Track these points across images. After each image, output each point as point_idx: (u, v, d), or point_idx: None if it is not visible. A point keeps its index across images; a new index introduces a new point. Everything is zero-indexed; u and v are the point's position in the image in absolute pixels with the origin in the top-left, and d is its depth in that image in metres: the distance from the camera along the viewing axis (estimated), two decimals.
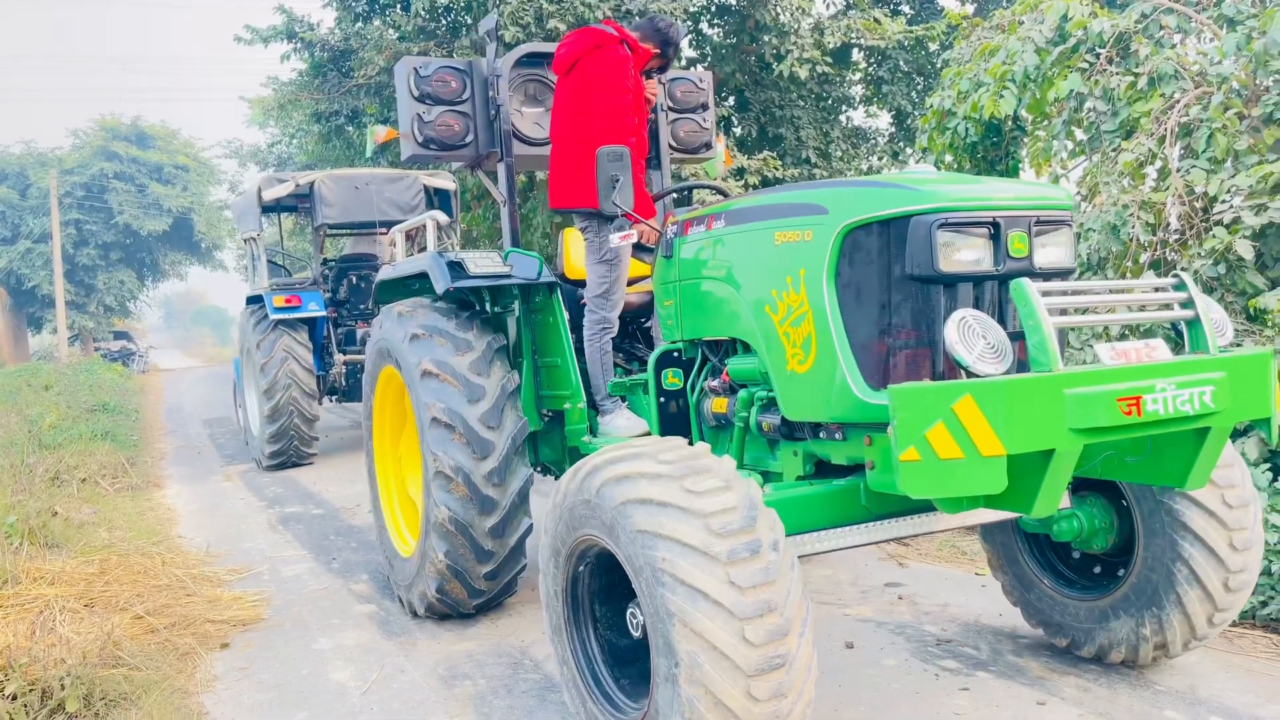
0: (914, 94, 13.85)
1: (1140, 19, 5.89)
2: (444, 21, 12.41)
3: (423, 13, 11.73)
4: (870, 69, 14.48)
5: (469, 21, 12.11)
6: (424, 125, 4.71)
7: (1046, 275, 2.64)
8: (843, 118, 14.31)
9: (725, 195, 4.28)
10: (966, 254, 2.55)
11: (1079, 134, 6.34)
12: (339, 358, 9.89)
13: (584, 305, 4.59)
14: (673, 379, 3.71)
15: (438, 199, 10.25)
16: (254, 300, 9.95)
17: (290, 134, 19.06)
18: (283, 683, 4.11)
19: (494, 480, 4.12)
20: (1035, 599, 3.69)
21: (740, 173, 11.41)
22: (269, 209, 10.27)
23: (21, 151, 36.14)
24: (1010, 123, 7.28)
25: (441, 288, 4.25)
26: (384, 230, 10.82)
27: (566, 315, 4.38)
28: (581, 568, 2.81)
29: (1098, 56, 6.08)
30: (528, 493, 4.28)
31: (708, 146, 5.25)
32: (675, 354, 3.74)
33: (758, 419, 3.25)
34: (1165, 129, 5.40)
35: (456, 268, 4.27)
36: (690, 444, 2.70)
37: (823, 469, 3.17)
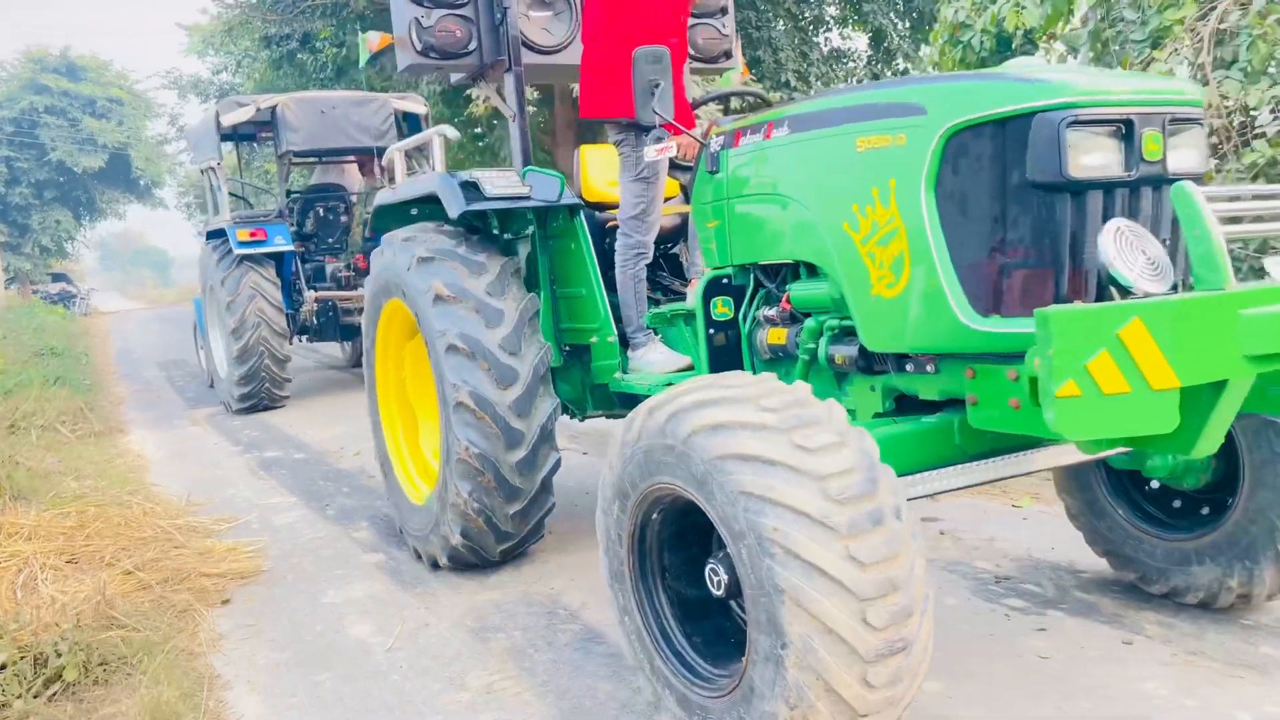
0: (893, 14, 13.46)
1: None
2: None
3: None
4: None
5: None
6: (423, 31, 4.30)
7: (1178, 180, 2.37)
8: (820, 39, 13.88)
9: (767, 103, 3.94)
10: (1096, 157, 2.26)
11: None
12: (309, 294, 9.41)
13: (608, 229, 4.27)
14: (722, 308, 3.40)
15: (407, 124, 9.73)
16: (215, 235, 9.40)
17: (236, 61, 18.10)
18: (297, 640, 3.83)
19: (518, 410, 3.81)
20: (1106, 528, 3.50)
21: None
22: (229, 137, 9.66)
23: None
24: (1020, 36, 6.98)
25: (455, 210, 3.89)
26: (351, 159, 10.31)
27: (591, 240, 4.05)
28: (655, 515, 2.53)
29: None
30: (554, 425, 3.97)
31: (727, 55, 4.89)
32: (724, 281, 3.42)
33: (828, 351, 2.96)
34: (1201, 37, 5.14)
35: (471, 188, 3.90)
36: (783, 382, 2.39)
37: (902, 405, 2.90)
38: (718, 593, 2.39)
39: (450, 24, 4.36)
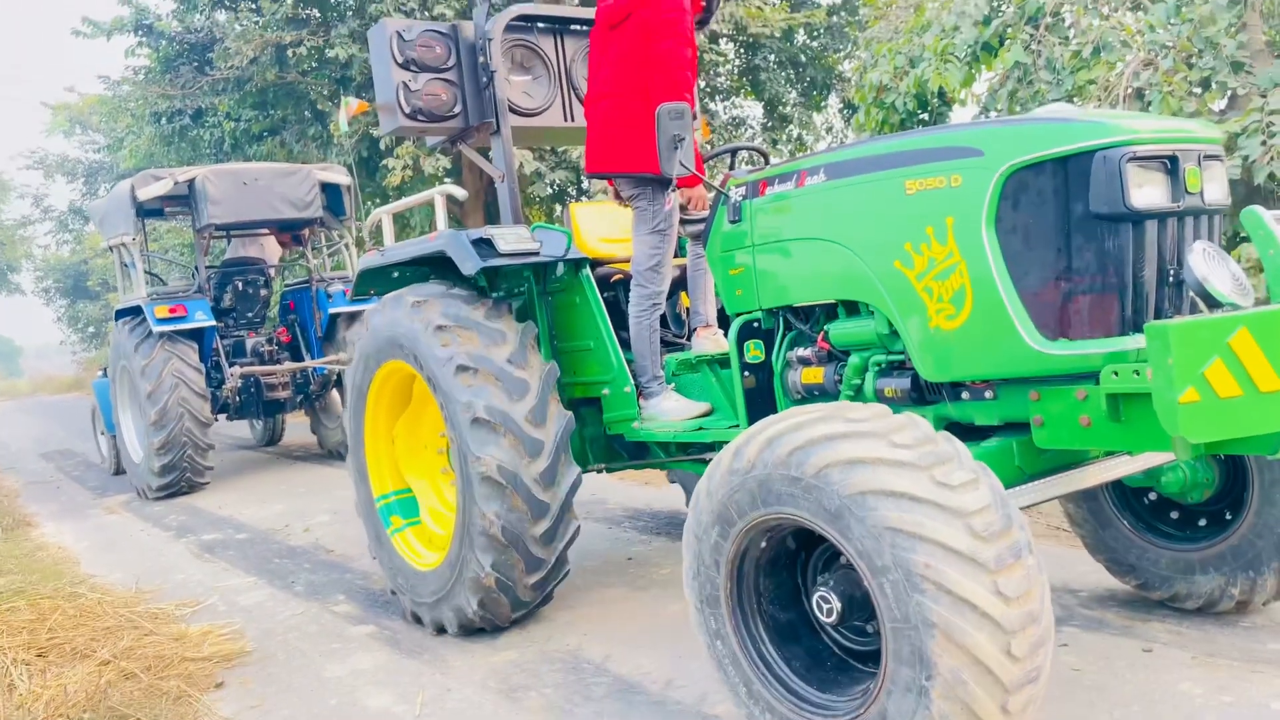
0: (785, 83, 14.11)
1: None
2: (312, 11, 11.65)
3: (290, 1, 10.97)
4: (739, 59, 14.65)
5: (337, 10, 11.43)
6: (410, 94, 4.33)
7: (1212, 211, 2.62)
8: (718, 107, 14.41)
9: (765, 157, 4.11)
10: (1150, 190, 2.48)
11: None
12: (233, 370, 9.06)
13: (613, 283, 4.34)
14: (755, 351, 3.49)
15: (327, 194, 9.58)
16: (128, 313, 8.99)
17: (119, 138, 17.49)
18: (312, 715, 3.66)
19: (545, 481, 3.80)
20: (1110, 537, 3.71)
21: None
22: (145, 212, 9.30)
23: None
24: (935, 98, 7.46)
25: (471, 268, 3.88)
26: (267, 231, 10.07)
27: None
28: (763, 543, 2.57)
29: (1036, 27, 6.30)
30: (575, 493, 3.98)
31: (694, 116, 5.05)
32: (754, 324, 3.53)
33: (876, 385, 3.09)
34: (1117, 94, 5.62)
35: (484, 245, 3.91)
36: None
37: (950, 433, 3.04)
38: (828, 620, 2.44)
39: (436, 88, 4.40)
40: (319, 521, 7.06)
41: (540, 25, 4.71)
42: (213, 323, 8.74)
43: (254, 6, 11.66)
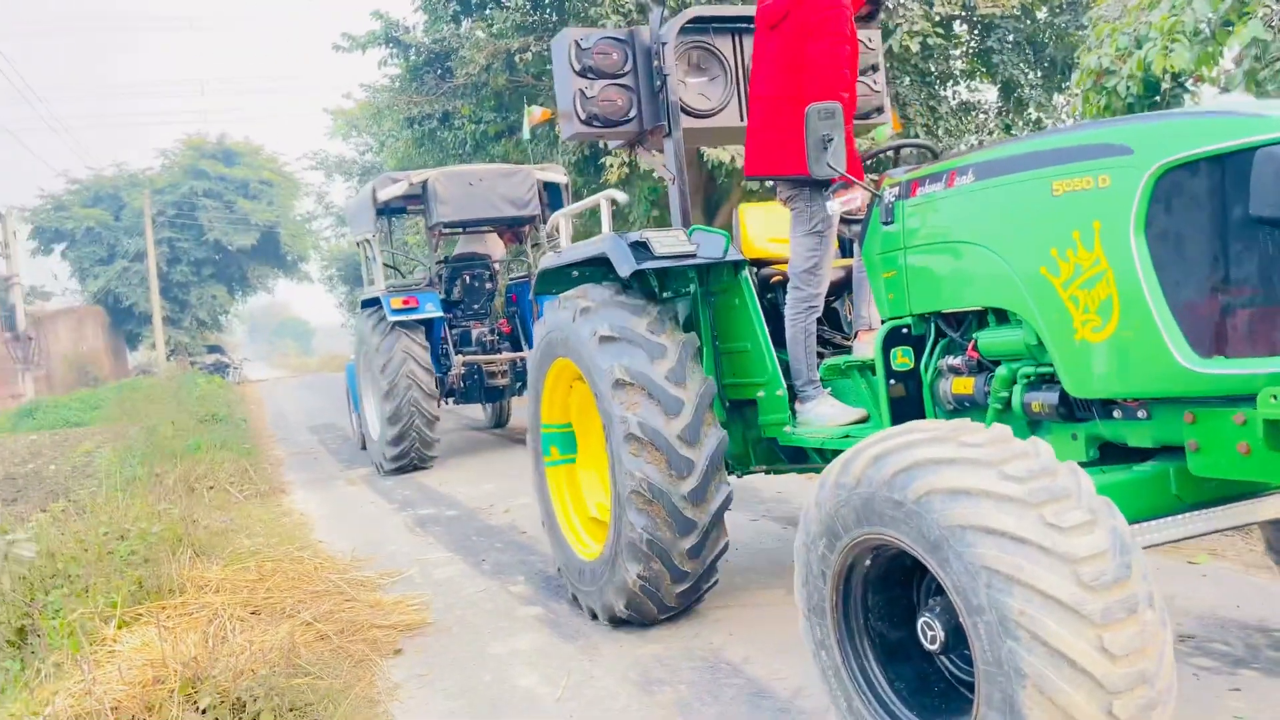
0: (1024, 64, 13.26)
1: None
2: (535, 17, 12.21)
3: (518, 8, 11.55)
4: (973, 41, 13.92)
5: (561, 15, 11.89)
6: (587, 101, 4.46)
7: None
8: (948, 92, 13.76)
9: (935, 154, 3.92)
10: None
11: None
12: (457, 359, 9.74)
13: (773, 284, 4.29)
14: (902, 359, 3.36)
15: (548, 192, 10.06)
16: (370, 303, 9.87)
17: (380, 141, 19.13)
18: (468, 689, 3.90)
19: (693, 499, 3.84)
20: None
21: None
22: (384, 211, 10.18)
23: (114, 174, 37.21)
24: (1169, 80, 6.76)
25: (626, 270, 3.97)
26: (491, 229, 10.70)
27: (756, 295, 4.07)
28: (867, 561, 2.49)
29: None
30: (725, 510, 4.00)
31: (879, 111, 4.90)
32: (904, 330, 3.39)
33: (1024, 399, 2.89)
34: None
35: (640, 248, 3.99)
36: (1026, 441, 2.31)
37: (1106, 453, 2.79)
38: (930, 646, 2.33)
39: (612, 94, 4.51)
40: (520, 504, 7.44)
41: (716, 26, 4.71)
42: (440, 314, 9.41)
43: (487, 16, 12.39)
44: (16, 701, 3.72)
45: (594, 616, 4.42)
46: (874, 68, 4.94)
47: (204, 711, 3.56)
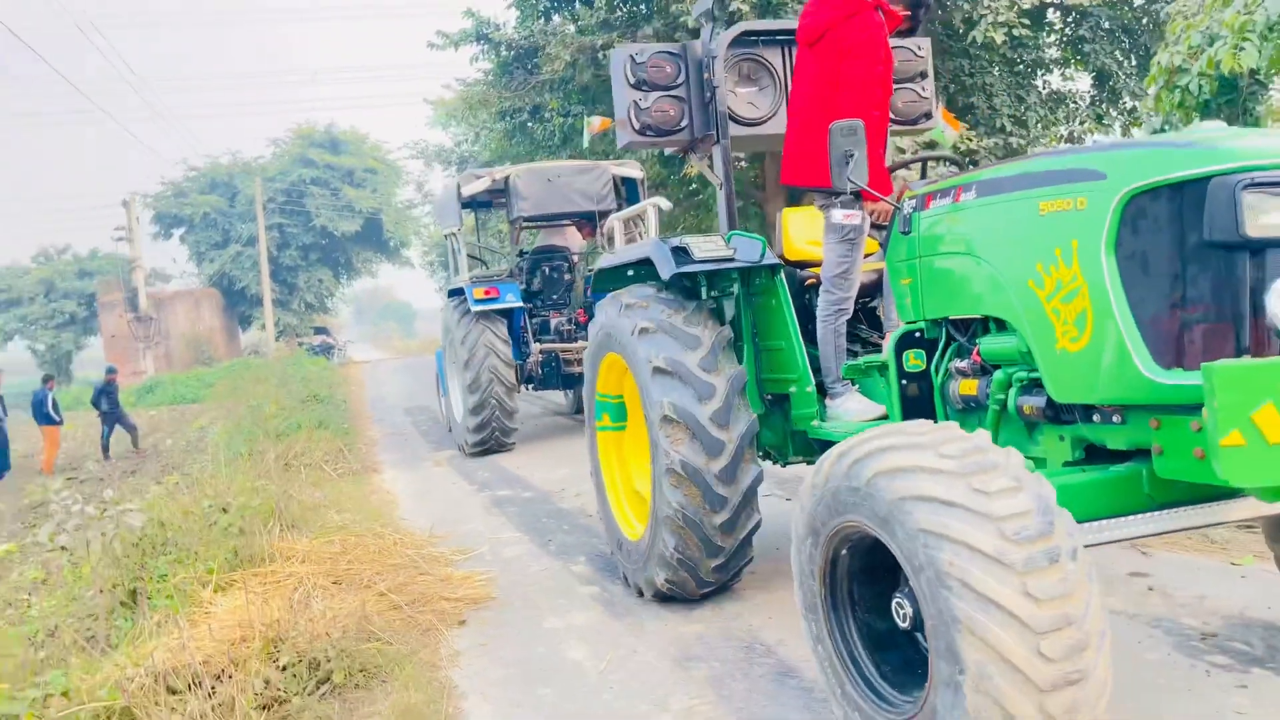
0: (1118, 52, 12.97)
1: None
2: (620, 12, 12.52)
3: (604, 6, 11.88)
4: (1067, 29, 13.66)
5: (644, 12, 12.17)
6: (640, 112, 4.75)
7: None
8: (1038, 82, 13.55)
9: (959, 165, 4.10)
10: (1273, 217, 2.32)
11: None
12: (535, 347, 10.19)
13: (807, 286, 4.52)
14: (914, 360, 3.57)
15: (625, 187, 10.39)
16: (455, 293, 10.37)
17: (475, 132, 19.76)
18: (522, 659, 4.25)
19: (724, 478, 4.12)
20: None
21: (930, 146, 11.00)
22: (468, 204, 10.67)
23: (229, 162, 39.11)
24: (1248, 77, 6.68)
25: (667, 273, 4.27)
26: (570, 222, 11.09)
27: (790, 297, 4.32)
28: (844, 551, 2.75)
29: None
30: (757, 489, 4.27)
31: (928, 116, 5.06)
32: (916, 334, 3.61)
33: (1017, 401, 3.09)
34: None
35: (681, 253, 4.28)
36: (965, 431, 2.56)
37: (1092, 454, 2.98)
38: (903, 624, 2.58)
39: (665, 104, 4.79)
40: (590, 488, 7.80)
41: (764, 39, 4.94)
42: (520, 304, 9.85)
43: (575, 12, 12.75)
44: (124, 654, 4.23)
45: (640, 594, 4.74)
46: (922, 74, 5.10)
47: (283, 669, 4.01)
